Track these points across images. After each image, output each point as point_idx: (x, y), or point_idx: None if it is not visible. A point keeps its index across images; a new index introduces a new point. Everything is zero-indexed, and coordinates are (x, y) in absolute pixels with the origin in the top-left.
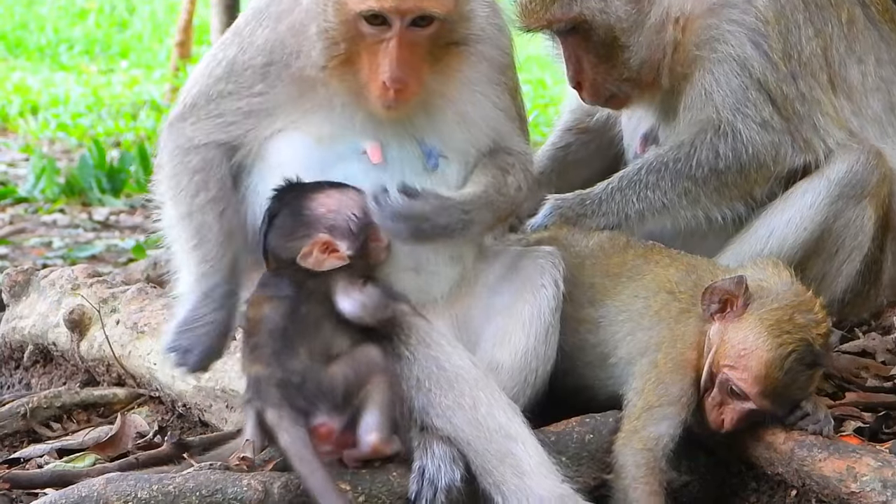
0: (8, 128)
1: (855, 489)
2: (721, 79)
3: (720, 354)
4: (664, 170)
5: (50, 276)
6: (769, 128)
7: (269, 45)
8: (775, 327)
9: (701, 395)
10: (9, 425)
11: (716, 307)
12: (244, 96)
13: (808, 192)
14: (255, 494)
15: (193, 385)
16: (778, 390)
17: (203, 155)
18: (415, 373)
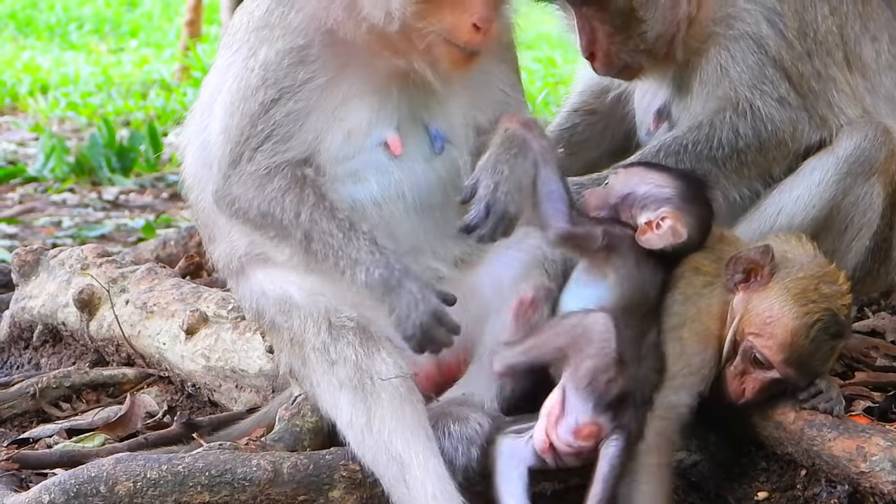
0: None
1: (864, 469)
2: (737, 55)
3: (744, 322)
4: (683, 152)
5: (59, 255)
6: (786, 105)
7: (310, 23)
8: (801, 296)
9: (722, 365)
10: (18, 405)
11: (740, 277)
12: (290, 95)
13: (817, 169)
14: (264, 474)
15: (203, 365)
16: (802, 359)
17: (280, 178)
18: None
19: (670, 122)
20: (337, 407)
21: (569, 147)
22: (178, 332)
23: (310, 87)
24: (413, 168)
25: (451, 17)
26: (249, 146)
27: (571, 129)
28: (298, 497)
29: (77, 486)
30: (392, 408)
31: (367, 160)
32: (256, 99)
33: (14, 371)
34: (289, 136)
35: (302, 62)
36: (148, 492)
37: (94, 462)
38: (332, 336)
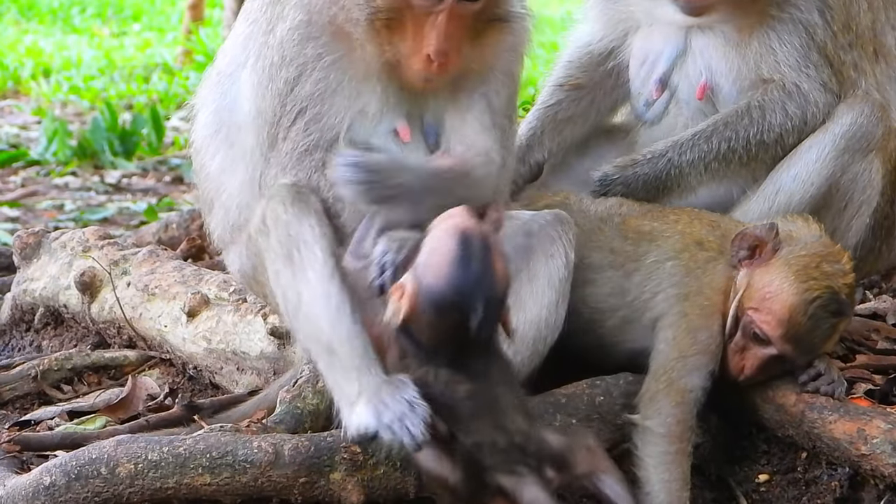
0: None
1: (865, 451)
2: (785, 37)
3: (746, 297)
4: (735, 139)
5: (61, 238)
6: (828, 90)
7: (311, 2)
8: (802, 272)
9: (725, 340)
10: (19, 388)
11: (745, 253)
12: (309, 73)
13: (813, 147)
14: (265, 456)
15: (204, 347)
16: (800, 335)
17: (320, 152)
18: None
19: (671, 91)
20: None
21: (554, 125)
22: (180, 314)
23: (321, 65)
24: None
25: (408, 43)
26: (283, 126)
27: (556, 105)
28: (299, 479)
29: (78, 468)
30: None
31: (380, 146)
32: (281, 77)
33: (15, 353)
34: (319, 115)
35: (308, 38)
36: (149, 474)
37: (96, 444)
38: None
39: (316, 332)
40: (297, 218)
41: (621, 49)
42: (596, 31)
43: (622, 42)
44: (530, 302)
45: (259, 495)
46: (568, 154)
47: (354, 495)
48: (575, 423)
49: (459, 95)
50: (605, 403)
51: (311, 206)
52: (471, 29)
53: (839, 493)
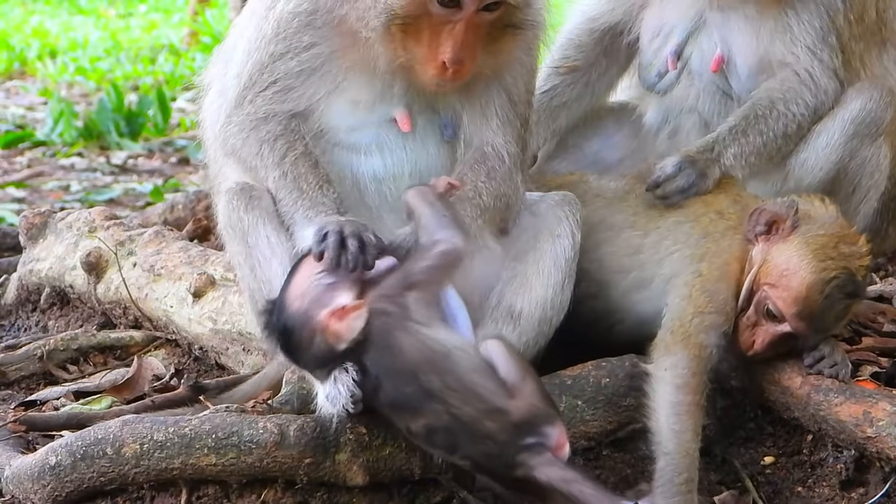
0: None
1: (871, 434)
2: (805, 17)
3: (762, 273)
4: (767, 131)
5: (67, 218)
6: (836, 77)
7: None
8: (820, 252)
9: (737, 314)
10: (25, 368)
11: (762, 228)
12: (295, 54)
13: (823, 132)
14: (270, 437)
15: (210, 328)
16: (814, 314)
17: (275, 123)
18: None
19: (684, 62)
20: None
21: (549, 112)
22: (186, 294)
23: (314, 52)
24: (424, 148)
25: (423, 49)
26: (253, 91)
27: (551, 91)
28: (305, 460)
29: (84, 448)
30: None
31: (374, 134)
32: (267, 50)
33: (22, 333)
34: (289, 88)
35: (309, 26)
36: (154, 454)
37: (101, 424)
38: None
39: None
40: (253, 225)
41: (629, 22)
42: (603, 3)
43: (631, 15)
44: (536, 282)
45: (264, 476)
46: (577, 136)
47: (360, 476)
48: (580, 404)
49: (477, 91)
50: (611, 385)
51: (264, 210)
52: (486, 36)
53: (844, 476)
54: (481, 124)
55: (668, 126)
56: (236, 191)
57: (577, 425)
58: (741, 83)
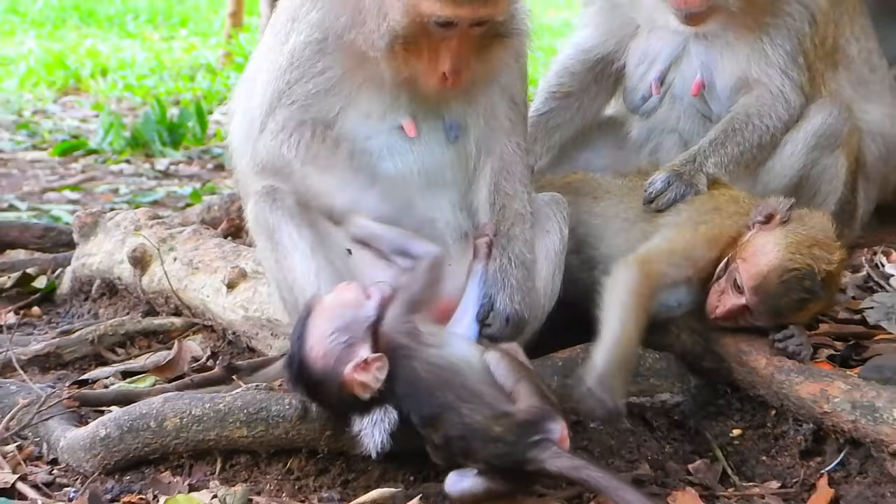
0: (81, 88)
1: (827, 409)
2: (777, 42)
3: (740, 249)
4: (744, 143)
5: (115, 217)
6: (803, 93)
7: (324, 21)
8: (794, 245)
9: (713, 281)
10: (79, 350)
11: (761, 219)
12: (309, 78)
13: (788, 143)
14: (295, 412)
15: (242, 315)
16: (769, 294)
17: (300, 128)
18: None
19: (667, 87)
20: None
21: (546, 131)
22: (220, 286)
23: (328, 75)
24: (430, 150)
25: (424, 63)
26: (272, 112)
27: (548, 113)
28: (325, 432)
29: (130, 422)
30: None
31: (385, 140)
32: (284, 78)
33: (75, 320)
34: (309, 105)
35: (321, 52)
36: (192, 427)
37: (146, 400)
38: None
39: None
40: (278, 223)
41: (618, 52)
42: (596, 35)
43: (620, 45)
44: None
45: (290, 446)
46: (569, 147)
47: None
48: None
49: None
50: None
51: (287, 210)
52: (478, 46)
53: (804, 447)
54: (491, 125)
55: (651, 143)
56: (263, 193)
57: (568, 402)
58: (720, 104)
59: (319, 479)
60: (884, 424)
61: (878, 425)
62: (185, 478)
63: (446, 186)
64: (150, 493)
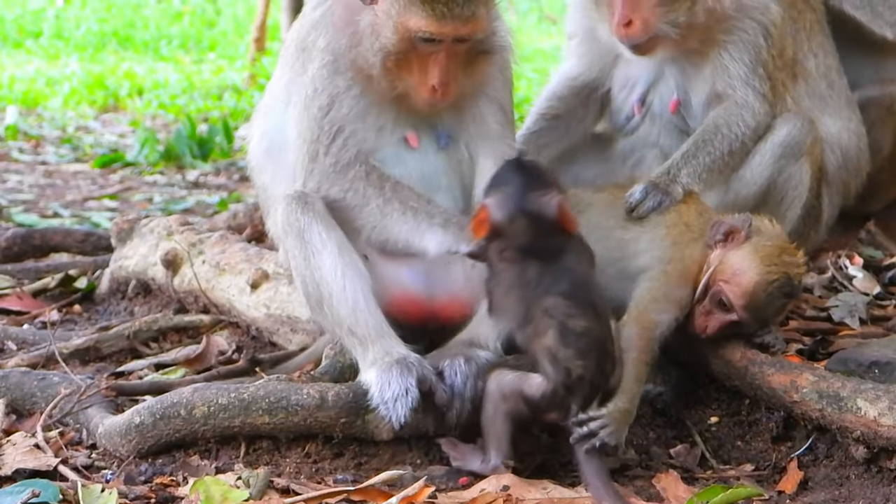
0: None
1: (797, 399)
2: (736, 55)
3: (718, 272)
4: (714, 152)
5: (149, 224)
6: (766, 101)
7: (330, 45)
8: (766, 258)
9: (694, 304)
10: (116, 344)
11: (720, 237)
12: (339, 100)
13: (757, 154)
14: (312, 401)
15: (264, 313)
16: (758, 307)
17: (359, 165)
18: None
19: (647, 107)
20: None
21: (535, 149)
22: (245, 286)
23: (351, 94)
24: (426, 158)
25: (415, 77)
26: (322, 143)
27: (538, 132)
28: (340, 419)
29: (162, 410)
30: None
31: (394, 152)
32: (315, 104)
33: (113, 317)
34: (355, 132)
35: (336, 72)
36: (219, 415)
37: (177, 390)
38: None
39: (338, 318)
40: (308, 225)
41: (602, 79)
42: (581, 65)
43: (604, 73)
44: None
45: (308, 432)
46: (558, 162)
47: (385, 433)
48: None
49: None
50: None
51: (317, 213)
52: (464, 61)
53: (775, 433)
54: (482, 131)
55: (634, 157)
56: (294, 197)
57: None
58: (696, 119)
59: (335, 462)
60: (848, 412)
61: (843, 413)
62: (212, 461)
63: (442, 190)
64: (179, 475)
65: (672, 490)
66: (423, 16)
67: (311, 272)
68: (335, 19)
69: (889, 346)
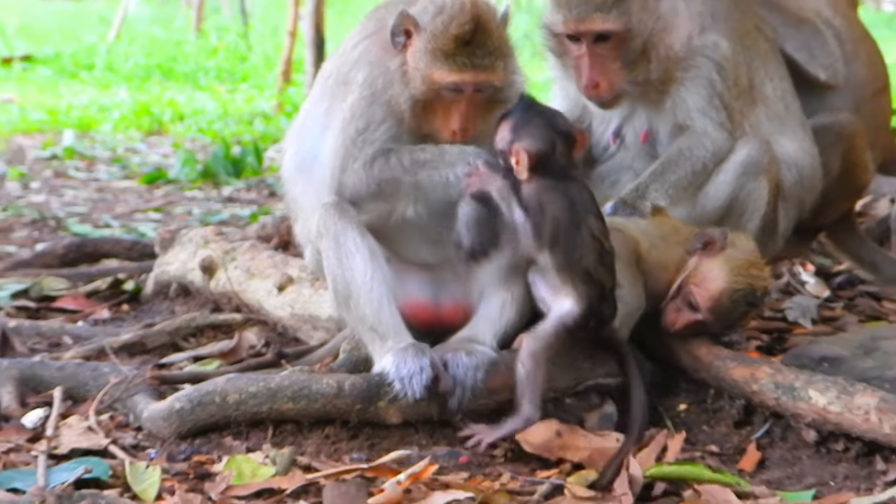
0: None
1: (756, 389)
2: (692, 90)
3: (691, 275)
4: (679, 171)
5: (189, 234)
6: (724, 128)
7: (367, 80)
8: (735, 269)
9: (667, 301)
10: (158, 339)
11: (699, 246)
12: (376, 126)
13: (721, 173)
14: (331, 390)
15: (289, 312)
16: (722, 311)
17: (379, 158)
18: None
19: (622, 138)
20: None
21: None
22: (272, 288)
23: (385, 124)
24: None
25: (439, 120)
26: (352, 156)
27: None
28: (355, 406)
29: (199, 397)
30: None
31: None
32: (352, 126)
33: (156, 316)
34: (382, 144)
35: (374, 104)
36: (249, 401)
37: (212, 380)
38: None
39: (362, 315)
40: (343, 230)
41: (582, 116)
42: (564, 105)
43: (583, 111)
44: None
45: (327, 417)
46: None
47: (395, 417)
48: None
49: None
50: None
51: (352, 220)
52: (483, 108)
53: (736, 418)
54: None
55: (611, 178)
56: (332, 204)
57: (550, 382)
58: (664, 146)
59: (350, 443)
60: (800, 401)
61: (796, 402)
62: (243, 442)
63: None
64: (214, 454)
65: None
66: (448, 69)
67: (343, 272)
68: (372, 58)
69: (837, 343)
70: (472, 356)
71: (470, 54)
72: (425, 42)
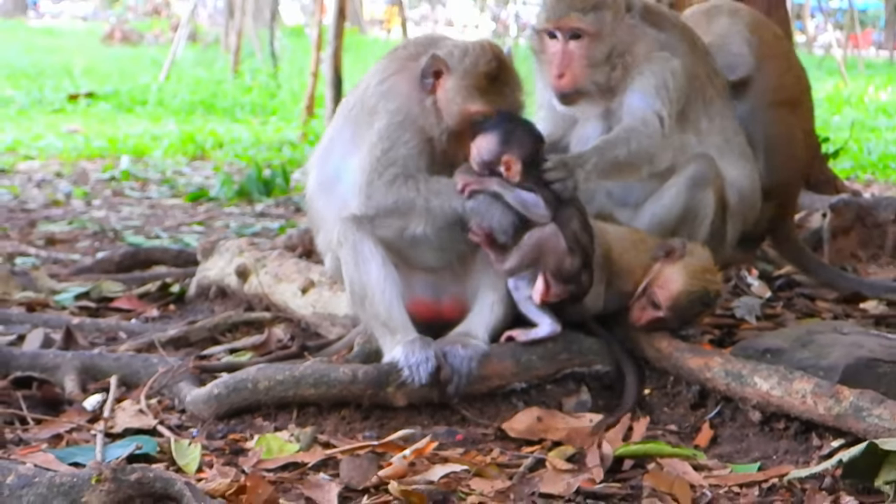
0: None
1: (709, 376)
2: (642, 84)
3: (655, 279)
4: (620, 154)
5: (226, 244)
6: (658, 136)
7: (400, 108)
8: (692, 274)
9: (634, 300)
10: (200, 335)
11: (662, 254)
12: (402, 145)
13: (674, 185)
14: (347, 377)
15: (311, 311)
16: (680, 310)
17: (401, 179)
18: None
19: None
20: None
21: None
22: (297, 291)
23: (410, 145)
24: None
25: (466, 146)
26: (377, 172)
27: None
28: (367, 391)
29: (234, 384)
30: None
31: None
32: (379, 147)
33: (198, 314)
34: (405, 166)
35: (403, 128)
36: (277, 387)
37: (245, 369)
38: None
39: (375, 313)
40: (360, 240)
41: (564, 137)
42: (548, 128)
43: (565, 132)
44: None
45: (343, 401)
46: None
47: (401, 401)
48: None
49: None
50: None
51: (367, 232)
52: None
53: (693, 401)
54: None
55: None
56: (351, 218)
57: (531, 371)
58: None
59: (363, 423)
60: (747, 387)
61: (744, 387)
62: (272, 422)
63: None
64: (247, 433)
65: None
66: (482, 102)
67: (360, 276)
68: (401, 91)
69: (778, 337)
70: (467, 348)
71: (499, 87)
72: (458, 80)
